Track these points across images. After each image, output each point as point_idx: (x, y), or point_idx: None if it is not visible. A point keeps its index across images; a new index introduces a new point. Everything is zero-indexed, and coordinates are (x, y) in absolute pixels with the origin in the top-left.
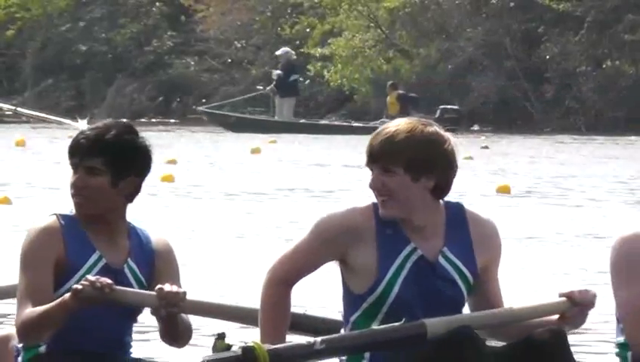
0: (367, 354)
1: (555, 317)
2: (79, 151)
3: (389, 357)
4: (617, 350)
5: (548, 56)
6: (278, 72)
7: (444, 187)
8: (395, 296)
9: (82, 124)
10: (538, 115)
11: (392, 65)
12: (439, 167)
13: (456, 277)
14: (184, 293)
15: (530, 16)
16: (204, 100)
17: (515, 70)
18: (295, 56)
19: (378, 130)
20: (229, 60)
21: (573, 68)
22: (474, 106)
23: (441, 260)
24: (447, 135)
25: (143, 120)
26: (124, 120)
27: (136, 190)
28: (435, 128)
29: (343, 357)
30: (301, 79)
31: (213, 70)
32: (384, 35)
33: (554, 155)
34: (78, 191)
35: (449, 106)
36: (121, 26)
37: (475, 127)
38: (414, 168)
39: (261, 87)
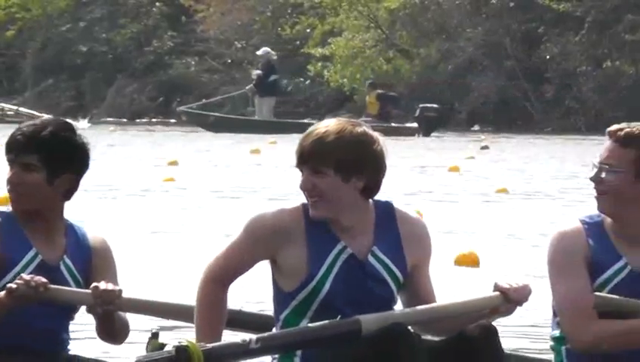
0: (298, 352)
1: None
2: (15, 148)
3: (321, 355)
4: (552, 343)
5: (548, 57)
6: (258, 71)
7: (373, 187)
8: (325, 294)
9: (82, 124)
10: (538, 115)
11: (392, 65)
12: (369, 167)
13: (386, 275)
14: (119, 291)
15: (530, 17)
16: (204, 100)
17: (515, 70)
18: (275, 57)
19: (308, 131)
20: (229, 61)
21: (573, 68)
22: (474, 106)
23: (371, 259)
24: (377, 135)
25: (143, 120)
26: (61, 118)
27: (72, 187)
28: (364, 129)
29: (275, 356)
30: (300, 81)
31: (213, 70)
32: (384, 35)
33: (554, 155)
34: (14, 187)
35: (429, 105)
36: (122, 26)
37: (476, 127)
38: (344, 169)
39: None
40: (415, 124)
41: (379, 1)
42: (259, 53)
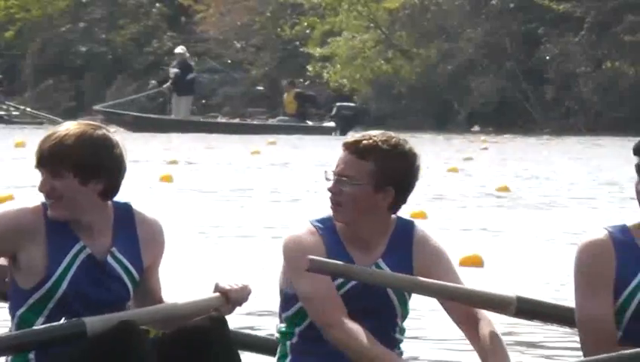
0: (32, 353)
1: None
2: None
3: (52, 356)
4: (278, 336)
5: (548, 57)
6: (176, 70)
7: (113, 189)
8: (62, 293)
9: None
10: (538, 116)
11: (392, 65)
12: (108, 170)
13: (124, 275)
14: None
15: (530, 17)
16: (203, 101)
17: (515, 71)
18: (188, 55)
19: (48, 134)
20: (229, 61)
21: (573, 69)
22: (474, 107)
23: (110, 259)
24: (117, 139)
25: None
26: None
27: None
28: (104, 132)
29: (9, 357)
30: (300, 81)
31: (213, 71)
32: (384, 35)
33: (553, 156)
34: None
35: (345, 104)
36: (121, 26)
37: (476, 128)
38: (83, 172)
39: (154, 82)
40: (332, 123)
41: (379, 1)
42: (176, 51)
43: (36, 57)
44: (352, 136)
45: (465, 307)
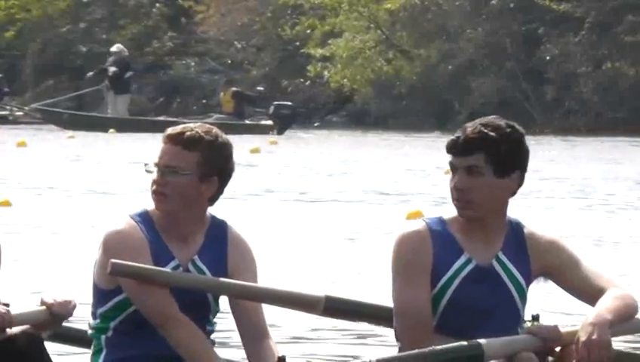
0: None
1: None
2: None
3: None
4: (92, 332)
5: (548, 57)
6: (115, 69)
7: None
8: None
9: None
10: (538, 116)
11: (392, 66)
12: None
13: None
14: None
15: (531, 17)
16: (204, 101)
17: (516, 71)
18: (127, 53)
19: None
20: (230, 61)
21: (573, 69)
22: (474, 107)
23: None
24: None
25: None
26: None
27: None
28: None
29: None
30: (300, 82)
31: (213, 71)
32: (384, 35)
33: (554, 156)
34: None
35: (283, 102)
36: (122, 27)
37: None
38: None
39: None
40: (270, 122)
41: (379, 1)
42: (113, 49)
43: (36, 57)
44: (173, 128)
45: (257, 335)
